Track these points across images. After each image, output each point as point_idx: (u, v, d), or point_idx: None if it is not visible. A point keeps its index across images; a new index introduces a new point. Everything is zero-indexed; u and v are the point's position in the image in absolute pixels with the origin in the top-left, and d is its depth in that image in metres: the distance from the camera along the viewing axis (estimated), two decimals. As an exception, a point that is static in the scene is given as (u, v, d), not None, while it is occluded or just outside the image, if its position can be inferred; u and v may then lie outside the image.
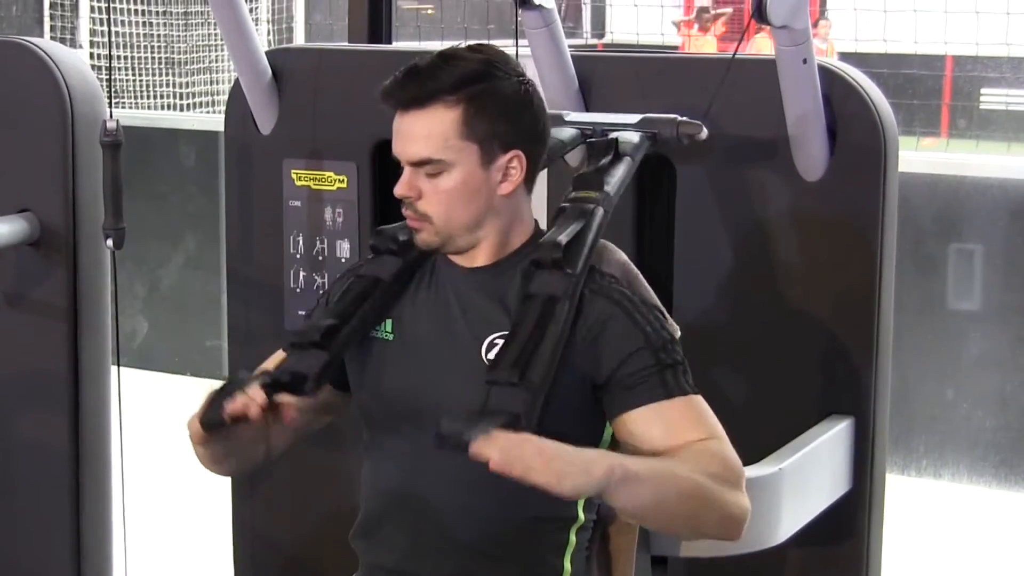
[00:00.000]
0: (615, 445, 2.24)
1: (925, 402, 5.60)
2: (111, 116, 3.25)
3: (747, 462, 2.61)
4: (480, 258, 2.23)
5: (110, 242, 3.21)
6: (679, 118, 2.60)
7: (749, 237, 2.89)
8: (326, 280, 3.21)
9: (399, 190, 2.19)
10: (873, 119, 2.78)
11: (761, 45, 10.66)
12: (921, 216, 5.50)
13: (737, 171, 2.88)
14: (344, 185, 3.26)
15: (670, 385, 2.15)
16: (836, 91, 2.79)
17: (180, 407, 2.50)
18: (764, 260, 2.88)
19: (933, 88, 12.13)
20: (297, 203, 3.30)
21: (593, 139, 2.55)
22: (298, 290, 3.32)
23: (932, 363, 5.58)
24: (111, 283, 3.46)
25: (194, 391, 2.32)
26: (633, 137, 2.53)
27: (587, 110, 2.95)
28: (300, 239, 3.31)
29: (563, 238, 2.20)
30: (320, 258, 3.29)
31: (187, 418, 2.23)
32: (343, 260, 3.25)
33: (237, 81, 3.33)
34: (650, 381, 2.15)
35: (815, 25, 12.88)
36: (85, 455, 3.45)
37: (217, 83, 11.80)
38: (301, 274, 3.31)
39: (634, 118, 2.59)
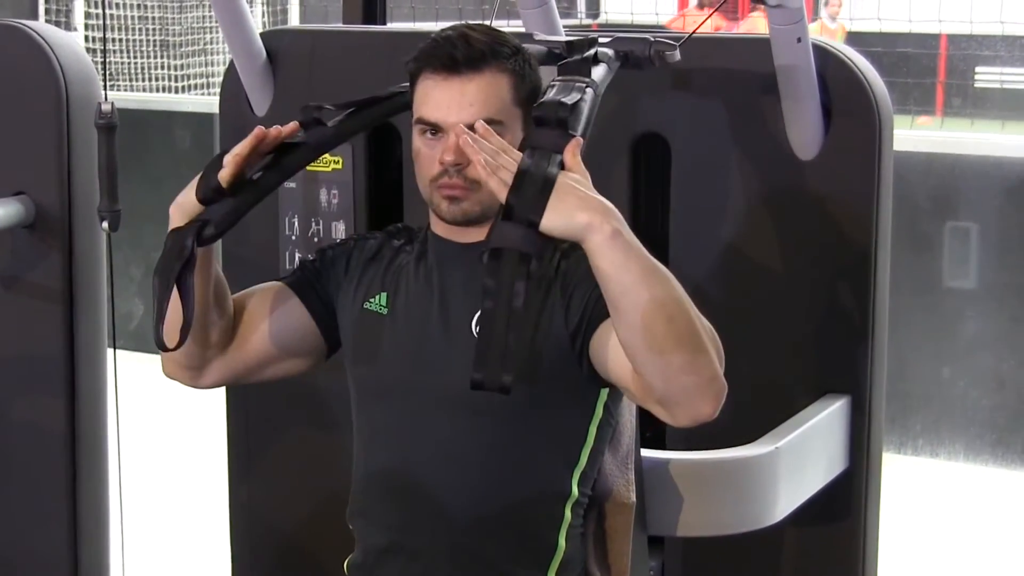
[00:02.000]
0: (606, 423, 2.25)
1: (921, 381, 5.61)
2: (106, 98, 3.25)
3: (743, 442, 2.63)
4: (478, 233, 2.22)
5: (105, 224, 3.22)
6: (652, 38, 2.54)
7: (743, 216, 2.89)
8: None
9: (449, 156, 2.15)
10: (868, 98, 2.78)
11: (756, 23, 10.66)
12: (916, 195, 5.51)
13: (731, 150, 2.88)
14: (339, 166, 3.25)
15: None
16: (830, 70, 2.78)
17: (175, 389, 2.51)
18: (759, 239, 2.88)
19: (928, 67, 12.12)
20: (292, 185, 3.29)
21: (567, 59, 2.40)
22: (293, 272, 3.31)
23: (928, 342, 5.59)
24: (107, 265, 3.46)
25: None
26: (607, 51, 2.42)
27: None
28: (295, 221, 3.31)
29: (567, 100, 2.10)
30: (315, 240, 3.29)
31: (173, 204, 2.26)
32: (337, 242, 3.24)
33: (232, 63, 3.33)
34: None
35: (826, 4, 12.90)
36: (81, 437, 3.46)
37: (212, 65, 11.79)
38: (296, 256, 3.31)
39: (606, 38, 2.51)
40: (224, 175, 2.19)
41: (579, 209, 1.94)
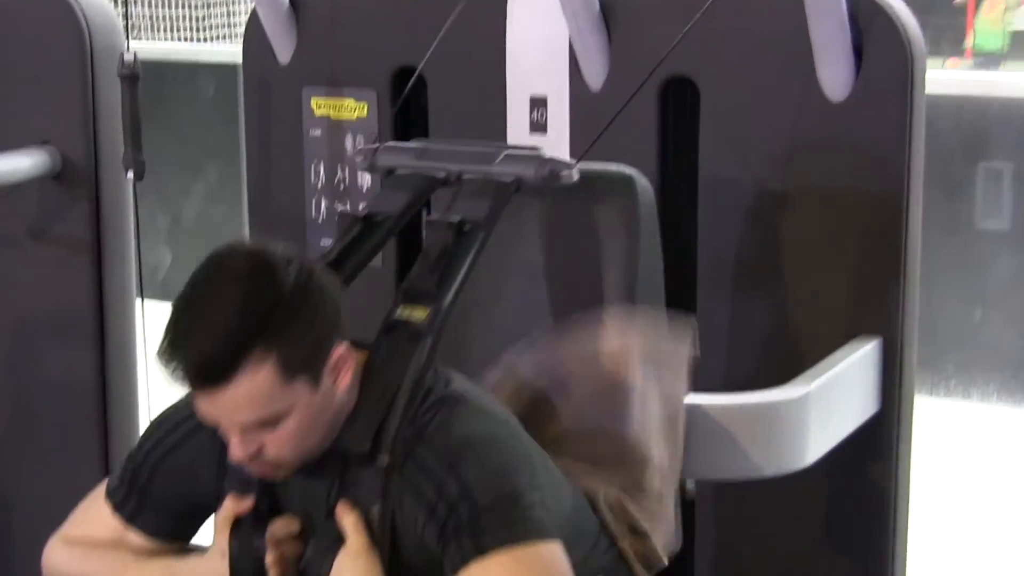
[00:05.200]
0: None
1: (953, 322, 5.58)
2: (128, 49, 3.24)
3: (774, 385, 2.62)
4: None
5: (131, 174, 3.21)
6: (544, 155, 2.21)
7: (774, 159, 2.86)
8: (348, 209, 3.18)
9: (237, 457, 1.94)
10: (900, 38, 2.75)
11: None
12: (948, 137, 5.46)
13: (762, 92, 2.85)
14: (364, 113, 3.23)
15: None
16: (862, 10, 2.75)
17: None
18: (790, 182, 2.85)
19: (960, 7, 12.01)
20: (317, 132, 3.27)
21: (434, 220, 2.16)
22: (319, 220, 3.30)
23: (960, 283, 5.56)
24: (133, 215, 3.45)
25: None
26: (480, 209, 2.13)
27: (609, 35, 2.92)
28: (321, 168, 3.30)
29: (366, 428, 1.93)
30: (341, 187, 3.27)
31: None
32: (364, 189, 3.23)
33: (255, 11, 3.31)
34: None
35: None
36: (112, 388, 3.46)
37: (235, 15, 11.75)
38: (322, 203, 3.29)
39: (491, 155, 2.22)
40: None
41: None
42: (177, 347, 1.86)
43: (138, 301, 3.49)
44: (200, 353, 1.85)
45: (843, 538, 2.90)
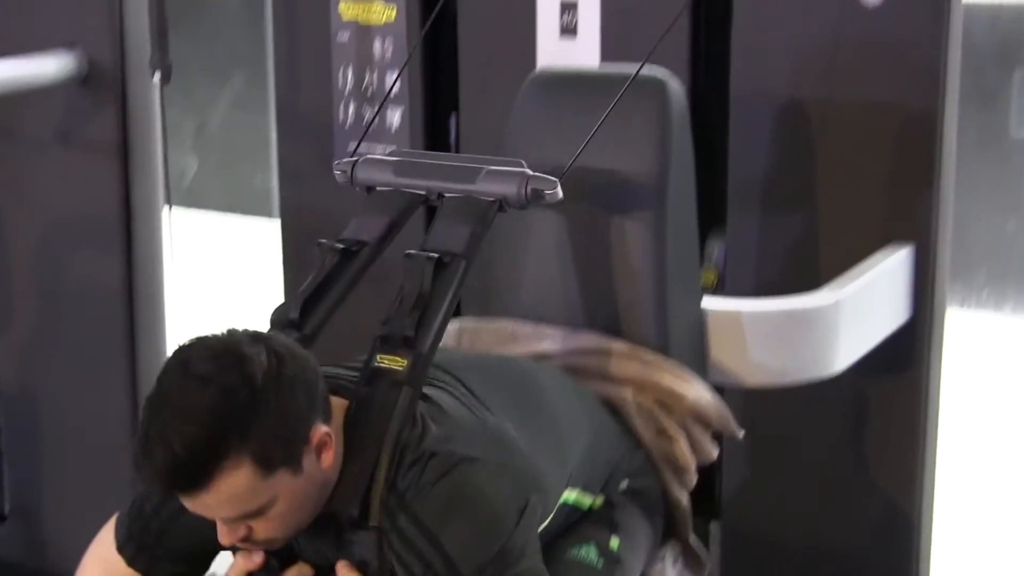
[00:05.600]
0: None
1: (986, 233, 5.53)
2: (154, -51, 3.22)
3: (806, 290, 2.60)
4: None
5: (158, 76, 3.19)
6: (527, 172, 2.12)
7: (808, 65, 2.82)
8: (376, 114, 3.16)
9: (227, 542, 1.92)
10: (936, -61, 2.70)
11: None
12: (983, 45, 5.39)
13: (795, -1, 2.81)
14: (392, 18, 3.20)
15: None
16: (898, -89, 2.70)
17: (230, 245, 2.49)
18: (824, 87, 2.81)
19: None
20: (345, 37, 3.24)
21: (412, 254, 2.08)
22: (347, 125, 3.28)
23: (994, 194, 5.51)
24: (160, 119, 3.44)
25: (243, 229, 2.32)
26: (461, 238, 2.08)
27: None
28: (349, 73, 3.27)
29: (354, 494, 1.91)
30: (369, 92, 3.25)
31: None
32: (392, 94, 3.21)
33: (283, -89, 3.28)
34: None
35: None
36: (139, 294, 3.47)
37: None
38: (351, 108, 3.27)
39: (473, 172, 2.15)
40: None
41: None
42: (149, 457, 1.80)
43: (165, 208, 3.49)
44: (174, 462, 1.79)
45: (872, 447, 2.90)
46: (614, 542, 2.21)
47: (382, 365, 1.98)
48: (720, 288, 2.92)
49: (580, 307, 2.45)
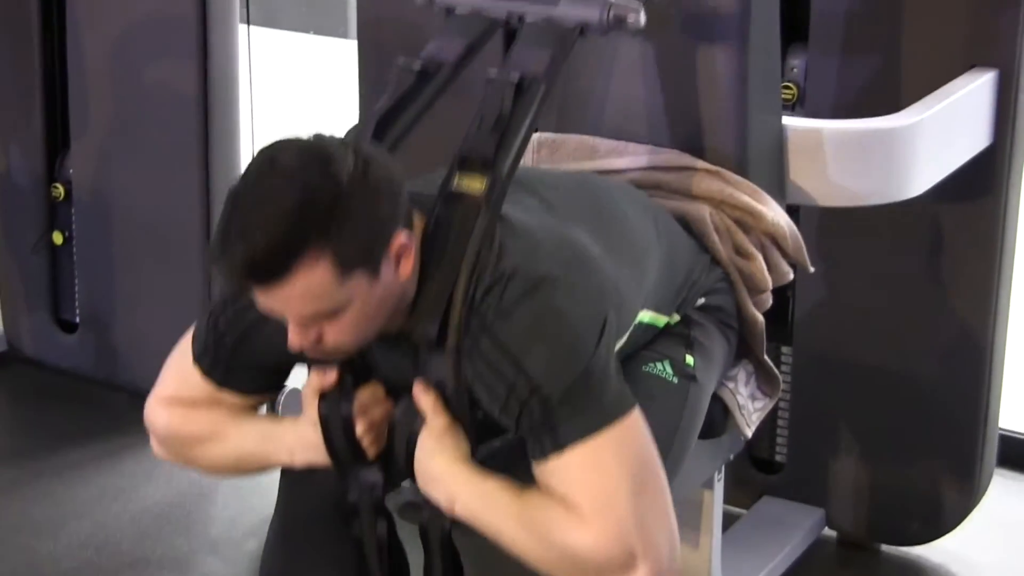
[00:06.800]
0: None
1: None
2: None
3: (888, 112, 2.57)
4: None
5: None
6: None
7: None
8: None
9: (296, 345, 1.90)
10: None
11: None
12: None
13: None
14: None
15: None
16: None
17: (305, 65, 2.48)
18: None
19: None
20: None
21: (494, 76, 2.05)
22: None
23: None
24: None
25: (320, 48, 2.31)
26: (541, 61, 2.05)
27: None
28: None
29: (431, 315, 1.91)
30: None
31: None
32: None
33: None
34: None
35: None
36: (214, 103, 3.46)
37: None
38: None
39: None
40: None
41: (428, 488, 1.96)
42: (230, 244, 1.80)
43: (243, 26, 3.48)
44: (254, 252, 1.78)
45: (947, 274, 2.88)
46: (689, 359, 2.22)
47: (461, 185, 1.97)
48: (799, 106, 2.90)
49: (660, 125, 2.43)
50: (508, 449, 1.99)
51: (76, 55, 3.60)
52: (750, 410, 2.39)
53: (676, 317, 2.23)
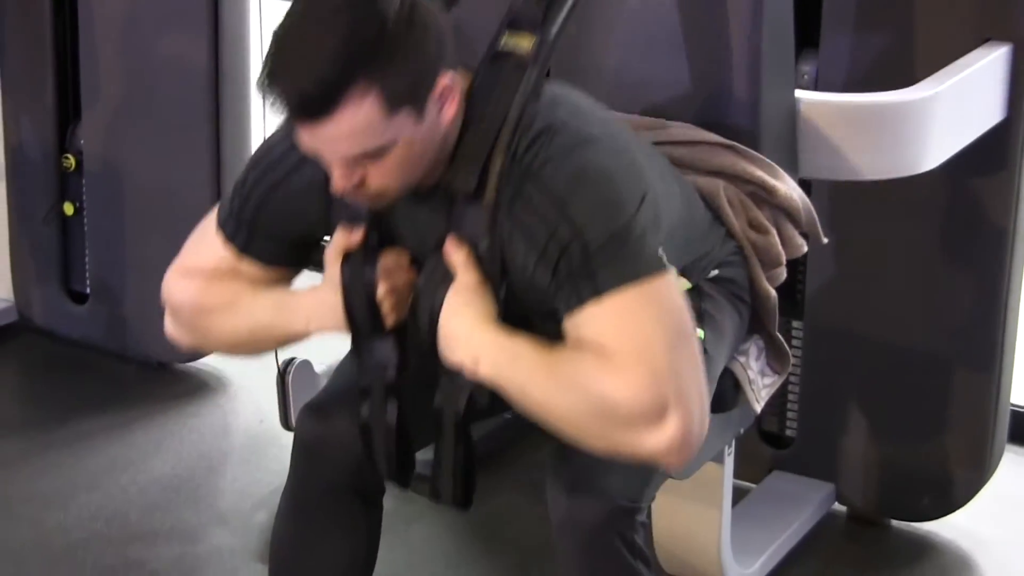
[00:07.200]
0: None
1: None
2: None
3: (902, 85, 2.55)
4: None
5: None
6: None
7: None
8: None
9: (339, 188, 1.91)
10: None
11: None
12: None
13: None
14: None
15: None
16: None
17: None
18: None
19: None
20: None
21: None
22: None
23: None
24: None
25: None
26: None
27: None
28: None
29: (471, 165, 1.92)
30: None
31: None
32: None
33: None
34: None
35: None
36: (225, 75, 3.46)
37: None
38: None
39: None
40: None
41: (451, 349, 1.94)
42: (277, 79, 1.81)
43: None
44: (301, 86, 1.80)
45: (960, 249, 2.87)
46: (700, 333, 2.21)
47: (508, 44, 1.98)
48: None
49: (673, 99, 2.43)
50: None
51: (87, 26, 3.59)
52: (760, 385, 2.39)
53: (688, 284, 2.23)
